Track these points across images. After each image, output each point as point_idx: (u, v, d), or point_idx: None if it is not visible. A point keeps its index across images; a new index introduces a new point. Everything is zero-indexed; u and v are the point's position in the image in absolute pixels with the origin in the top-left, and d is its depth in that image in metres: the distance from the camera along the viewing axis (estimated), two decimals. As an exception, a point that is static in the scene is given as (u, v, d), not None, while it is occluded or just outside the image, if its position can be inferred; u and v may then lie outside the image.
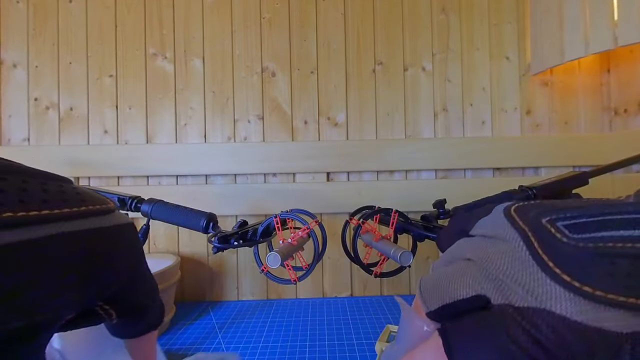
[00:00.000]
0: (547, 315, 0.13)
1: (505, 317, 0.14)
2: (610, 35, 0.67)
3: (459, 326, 0.16)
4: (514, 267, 0.15)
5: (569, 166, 0.85)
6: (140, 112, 0.85)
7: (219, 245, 0.48)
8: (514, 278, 0.14)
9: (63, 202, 0.14)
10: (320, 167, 0.84)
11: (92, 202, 0.15)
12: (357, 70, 0.86)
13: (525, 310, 0.14)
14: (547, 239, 0.14)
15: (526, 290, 0.14)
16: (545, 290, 0.13)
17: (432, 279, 0.19)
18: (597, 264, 0.13)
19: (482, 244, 0.17)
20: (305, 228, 0.50)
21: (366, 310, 0.74)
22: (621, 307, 0.12)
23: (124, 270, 0.16)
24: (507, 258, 0.15)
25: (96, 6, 0.85)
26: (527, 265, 0.14)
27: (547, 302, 0.13)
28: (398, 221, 0.51)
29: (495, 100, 0.87)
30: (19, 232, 0.11)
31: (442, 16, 0.87)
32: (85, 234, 0.14)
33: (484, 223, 0.19)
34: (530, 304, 0.14)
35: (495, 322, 0.14)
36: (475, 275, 0.16)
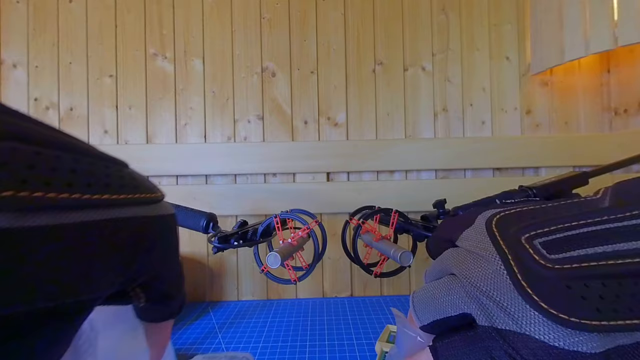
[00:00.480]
0: (527, 340, 0.14)
1: (489, 340, 0.15)
2: (610, 35, 0.67)
3: (448, 345, 0.16)
4: (496, 290, 0.15)
5: (569, 166, 0.85)
6: (140, 112, 0.85)
7: (219, 245, 0.48)
8: (496, 301, 0.15)
9: (121, 187, 0.14)
10: (320, 167, 0.84)
11: (145, 190, 0.15)
12: (357, 70, 0.86)
13: (507, 333, 0.14)
14: (526, 262, 0.15)
15: (507, 314, 0.14)
16: (525, 315, 0.14)
17: (422, 294, 0.20)
18: (572, 288, 0.13)
19: (466, 260, 0.18)
20: (305, 228, 0.50)
21: (366, 310, 0.74)
22: (594, 331, 0.13)
23: (161, 260, 0.16)
24: (489, 281, 0.16)
25: (96, 6, 0.85)
26: (508, 290, 0.15)
27: (527, 327, 0.14)
28: (398, 221, 0.51)
29: (495, 100, 0.87)
30: (82, 214, 0.12)
31: (442, 16, 0.87)
32: (135, 221, 0.14)
33: (468, 235, 0.19)
34: (512, 327, 0.14)
35: (481, 345, 0.15)
36: (460, 294, 0.17)
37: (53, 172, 0.11)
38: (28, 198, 0.10)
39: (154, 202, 0.16)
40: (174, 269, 0.17)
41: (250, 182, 0.85)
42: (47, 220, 0.10)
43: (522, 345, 0.14)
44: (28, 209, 0.10)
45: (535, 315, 0.14)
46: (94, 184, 0.12)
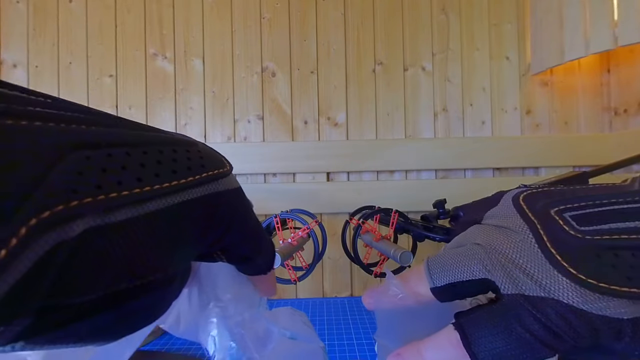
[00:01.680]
0: (555, 304, 0.14)
1: (517, 308, 0.15)
2: (610, 35, 0.67)
3: (474, 319, 0.16)
4: (524, 258, 0.16)
5: (569, 166, 0.85)
6: (140, 112, 0.85)
7: (219, 245, 0.48)
8: (524, 269, 0.15)
9: (188, 169, 0.15)
10: (320, 167, 0.84)
11: (212, 167, 0.16)
12: (357, 70, 0.86)
13: (536, 299, 0.14)
14: (555, 232, 0.15)
15: (535, 281, 0.15)
16: (553, 281, 0.14)
17: (441, 257, 0.19)
18: (602, 257, 0.14)
19: (492, 232, 0.18)
20: (305, 228, 0.50)
21: (366, 310, 0.73)
22: (623, 296, 0.13)
23: (232, 229, 0.17)
24: (516, 249, 0.16)
25: (96, 6, 0.85)
26: (536, 258, 0.15)
27: (555, 292, 0.14)
28: (398, 221, 0.51)
29: (495, 100, 0.87)
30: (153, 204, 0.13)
31: (442, 16, 0.87)
32: (203, 199, 0.15)
33: (494, 213, 0.19)
34: (540, 294, 0.14)
35: (509, 313, 0.15)
36: (483, 260, 0.17)
37: (124, 170, 0.12)
38: (105, 201, 0.11)
39: (221, 177, 0.17)
40: (247, 234, 0.18)
41: (250, 182, 0.85)
42: (123, 215, 0.12)
43: (550, 310, 0.14)
44: (108, 209, 0.11)
45: (563, 280, 0.14)
46: (162, 173, 0.13)
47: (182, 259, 0.15)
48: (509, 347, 0.15)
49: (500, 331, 0.15)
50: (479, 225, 0.20)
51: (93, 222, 0.11)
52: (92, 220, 0.11)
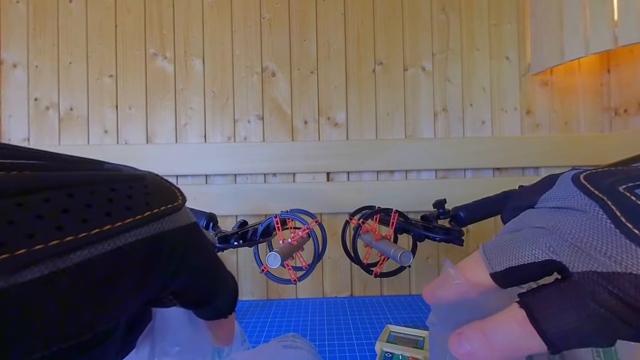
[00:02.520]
0: (634, 279, 0.13)
1: (591, 284, 0.14)
2: (610, 35, 0.67)
3: (540, 297, 0.16)
4: (594, 235, 0.15)
5: (569, 166, 0.84)
6: (140, 112, 0.85)
7: (219, 245, 0.48)
8: (595, 246, 0.15)
9: (127, 210, 0.13)
10: (320, 167, 0.84)
11: (158, 204, 0.15)
12: (357, 70, 0.86)
13: (611, 275, 0.14)
14: (629, 207, 0.14)
15: (609, 257, 0.14)
16: (632, 256, 0.13)
17: (499, 242, 0.18)
18: None
19: (554, 214, 0.17)
20: (305, 228, 0.50)
21: (366, 310, 0.74)
22: None
23: (183, 271, 0.15)
24: (585, 227, 0.15)
25: (96, 6, 0.85)
26: (609, 234, 0.14)
27: (634, 267, 0.13)
28: (398, 221, 0.51)
29: (495, 100, 0.87)
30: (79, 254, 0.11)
31: (442, 16, 0.87)
32: (142, 242, 0.13)
33: (551, 195, 0.18)
34: (616, 269, 0.14)
35: (580, 290, 0.14)
36: (548, 242, 0.16)
37: (38, 220, 0.11)
38: (10, 260, 0.10)
39: (168, 213, 0.15)
40: (201, 276, 0.17)
41: (250, 182, 0.85)
42: (36, 273, 0.10)
43: (629, 284, 0.13)
44: (15, 269, 0.10)
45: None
46: (91, 218, 0.12)
47: (119, 311, 0.13)
48: (582, 323, 0.14)
49: (572, 307, 0.14)
50: (535, 209, 0.19)
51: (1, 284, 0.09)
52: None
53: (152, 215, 0.14)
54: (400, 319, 0.69)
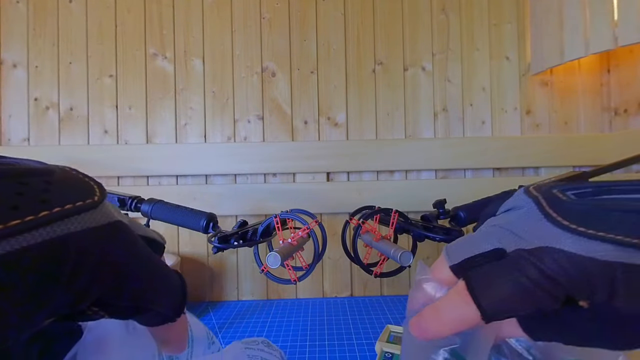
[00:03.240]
0: (550, 250, 0.16)
1: (519, 258, 0.17)
2: (610, 35, 0.67)
3: (479, 271, 0.18)
4: (526, 223, 0.18)
5: (569, 166, 0.85)
6: (140, 112, 0.85)
7: (219, 245, 0.48)
8: (526, 230, 0.18)
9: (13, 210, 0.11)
10: (320, 167, 0.84)
11: (62, 201, 0.13)
12: (357, 70, 0.86)
13: (534, 250, 0.16)
14: (555, 200, 0.18)
15: (534, 237, 0.17)
16: (550, 234, 0.16)
17: (458, 241, 0.21)
18: (593, 213, 0.16)
19: (505, 215, 0.21)
20: (305, 228, 0.49)
21: (366, 310, 0.74)
22: (610, 242, 0.15)
23: (103, 277, 0.13)
24: (521, 218, 0.18)
25: (96, 6, 0.85)
26: (537, 220, 0.17)
27: (550, 241, 0.16)
28: (398, 221, 0.51)
29: (495, 100, 0.87)
30: None
31: (442, 16, 0.87)
32: (38, 248, 0.11)
33: (506, 203, 0.21)
34: (538, 245, 0.16)
35: (511, 264, 0.17)
36: (497, 235, 0.19)
37: None
38: None
39: (77, 212, 0.13)
40: (131, 279, 0.15)
41: (250, 182, 0.85)
42: None
43: (546, 255, 0.16)
44: None
45: (557, 231, 0.16)
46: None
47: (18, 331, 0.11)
48: (510, 292, 0.16)
49: (502, 278, 0.16)
50: (494, 216, 0.22)
51: None
52: None
53: (49, 215, 0.12)
54: (400, 319, 0.69)
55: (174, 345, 0.19)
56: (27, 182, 0.12)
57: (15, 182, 0.12)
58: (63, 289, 0.12)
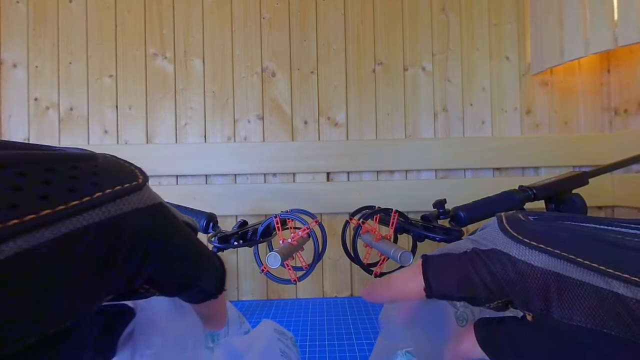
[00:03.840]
0: (497, 253, 0.19)
1: (473, 255, 0.20)
2: (610, 35, 0.67)
3: (438, 256, 0.21)
4: (487, 234, 0.21)
5: (569, 166, 0.85)
6: (140, 112, 0.85)
7: (219, 245, 0.48)
8: (485, 238, 0.21)
9: (70, 192, 0.12)
10: (320, 167, 0.84)
11: (111, 184, 0.13)
12: (357, 70, 0.86)
13: (487, 251, 0.19)
14: (515, 220, 0.20)
15: (490, 242, 0.20)
16: (501, 241, 0.19)
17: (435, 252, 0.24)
18: (542, 231, 0.19)
19: (475, 236, 0.23)
20: (305, 228, 0.49)
21: (366, 310, 0.74)
22: (545, 252, 0.17)
23: (154, 255, 0.14)
24: (485, 232, 0.21)
25: (96, 6, 0.85)
26: (494, 232, 0.20)
27: (500, 246, 0.19)
28: (398, 221, 0.51)
29: (495, 100, 0.87)
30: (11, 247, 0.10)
31: (442, 16, 0.87)
32: (96, 227, 0.12)
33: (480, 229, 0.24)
34: (489, 247, 0.20)
35: (466, 258, 0.20)
36: (465, 244, 0.22)
37: None
38: None
39: (126, 193, 0.14)
40: (178, 257, 0.15)
41: (250, 182, 0.85)
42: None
43: (494, 256, 0.19)
44: None
45: (507, 240, 0.19)
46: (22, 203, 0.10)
47: (77, 308, 0.11)
48: (455, 278, 0.19)
49: (453, 266, 0.20)
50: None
51: None
52: None
53: (102, 196, 0.12)
54: (400, 319, 0.68)
55: (216, 322, 0.21)
56: (78, 166, 0.13)
57: (69, 166, 0.13)
58: (121, 267, 0.13)
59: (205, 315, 0.20)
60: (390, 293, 0.21)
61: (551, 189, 0.54)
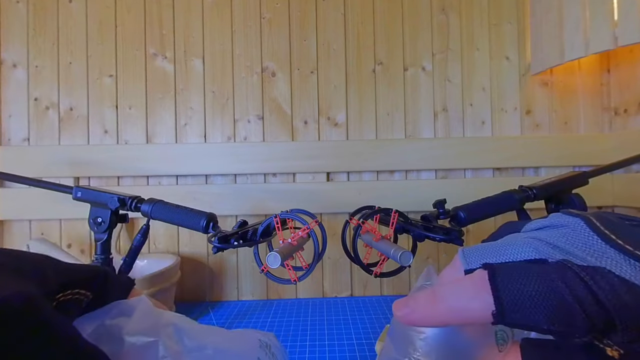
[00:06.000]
0: (607, 273, 0.13)
1: (564, 269, 0.14)
2: (610, 35, 0.67)
3: (507, 266, 0.15)
4: (575, 239, 0.15)
5: (569, 166, 0.85)
6: (140, 112, 0.85)
7: (219, 245, 0.48)
8: (576, 245, 0.15)
9: None
10: (320, 167, 0.84)
11: None
12: (357, 70, 0.86)
13: (585, 267, 0.14)
14: (607, 221, 0.15)
15: (587, 254, 0.15)
16: (607, 256, 0.14)
17: (479, 245, 0.18)
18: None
19: (538, 231, 0.18)
20: (305, 228, 0.49)
21: (366, 310, 0.74)
22: None
23: None
24: (567, 235, 0.16)
25: (96, 6, 0.85)
26: (589, 238, 0.15)
27: (608, 265, 0.14)
28: (398, 221, 0.51)
29: (495, 100, 0.87)
30: None
31: (442, 16, 0.87)
32: None
33: (534, 223, 0.19)
34: (592, 263, 0.14)
35: (552, 270, 0.14)
36: (534, 245, 0.16)
37: None
38: None
39: None
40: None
41: (250, 182, 0.85)
42: None
43: (600, 277, 0.13)
44: None
45: (617, 255, 0.14)
46: None
47: None
48: (541, 297, 0.13)
49: (537, 279, 0.14)
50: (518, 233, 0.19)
51: None
52: None
53: None
54: (400, 319, 0.68)
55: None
56: None
57: None
58: None
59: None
60: (441, 314, 0.15)
61: (551, 189, 0.54)
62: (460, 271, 0.17)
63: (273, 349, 0.22)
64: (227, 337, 0.20)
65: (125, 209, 0.54)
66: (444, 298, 0.15)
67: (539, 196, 0.54)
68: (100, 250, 0.55)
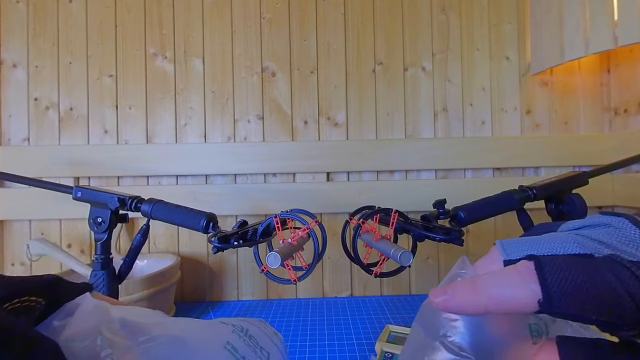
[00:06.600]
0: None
1: (614, 263, 0.14)
2: (610, 35, 0.67)
3: (555, 257, 0.15)
4: (621, 237, 0.15)
5: (569, 166, 0.85)
6: (140, 112, 0.85)
7: (219, 245, 0.48)
8: (623, 242, 0.15)
9: None
10: (320, 167, 0.84)
11: None
12: (357, 70, 0.86)
13: (636, 262, 0.14)
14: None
15: (636, 250, 0.15)
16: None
17: (518, 238, 0.18)
18: None
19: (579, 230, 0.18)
20: (305, 228, 0.49)
21: (366, 310, 0.74)
22: None
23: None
24: (611, 232, 0.16)
25: (96, 6, 0.85)
26: (636, 235, 0.15)
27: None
28: (398, 221, 0.51)
29: (495, 100, 0.87)
30: None
31: (442, 16, 0.87)
32: None
33: (572, 223, 0.19)
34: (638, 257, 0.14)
35: (601, 264, 0.14)
36: (578, 240, 0.16)
37: None
38: None
39: None
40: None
41: (250, 182, 0.85)
42: None
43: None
44: None
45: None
46: None
47: None
48: (590, 285, 0.13)
49: (585, 270, 0.14)
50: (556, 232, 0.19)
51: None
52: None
53: None
54: (400, 319, 0.69)
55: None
56: None
57: None
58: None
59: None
60: (482, 302, 0.15)
61: (551, 189, 0.54)
62: (497, 262, 0.17)
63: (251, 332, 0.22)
64: (195, 326, 0.20)
65: (125, 209, 0.54)
66: (485, 286, 0.15)
67: (539, 196, 0.54)
68: (100, 250, 0.55)
